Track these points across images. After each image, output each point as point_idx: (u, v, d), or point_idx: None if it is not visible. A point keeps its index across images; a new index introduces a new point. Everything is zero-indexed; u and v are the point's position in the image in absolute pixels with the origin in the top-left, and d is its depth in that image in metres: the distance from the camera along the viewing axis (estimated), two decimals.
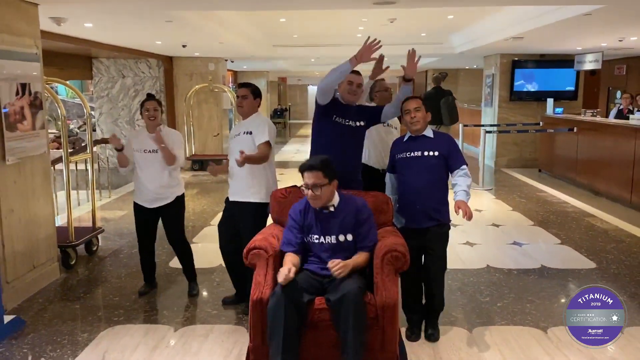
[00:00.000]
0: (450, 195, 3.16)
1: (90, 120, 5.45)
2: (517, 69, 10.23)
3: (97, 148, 9.08)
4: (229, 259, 3.73)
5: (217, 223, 3.88)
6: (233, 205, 3.62)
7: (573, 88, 10.47)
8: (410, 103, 3.21)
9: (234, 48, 9.24)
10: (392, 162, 3.34)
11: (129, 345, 3.23)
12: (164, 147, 3.75)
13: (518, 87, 10.32)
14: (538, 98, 10.31)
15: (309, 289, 2.73)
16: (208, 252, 4.87)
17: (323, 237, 2.89)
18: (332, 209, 2.91)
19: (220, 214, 3.84)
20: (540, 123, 9.81)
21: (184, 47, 8.57)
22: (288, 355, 2.56)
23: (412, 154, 3.20)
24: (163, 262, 4.72)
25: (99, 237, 5.24)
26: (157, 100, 3.89)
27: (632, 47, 9.21)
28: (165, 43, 8.35)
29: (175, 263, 4.70)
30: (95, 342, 3.28)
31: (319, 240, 2.90)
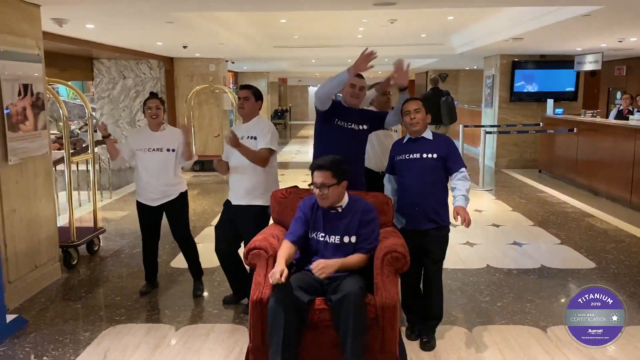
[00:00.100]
0: (450, 198, 3.18)
1: (92, 121, 5.47)
2: (517, 70, 10.24)
3: (98, 149, 9.09)
4: (226, 261, 3.73)
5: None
6: (235, 209, 3.61)
7: (573, 89, 10.48)
8: (410, 104, 3.22)
9: (235, 49, 9.25)
10: (391, 163, 3.35)
11: (131, 345, 3.25)
12: (187, 140, 3.80)
13: (518, 87, 10.32)
14: (538, 99, 10.32)
15: (309, 290, 2.73)
16: (209, 252, 4.83)
17: (328, 236, 2.90)
18: (339, 210, 2.92)
19: None
20: (540, 124, 9.81)
21: (185, 48, 8.59)
22: (288, 355, 2.56)
23: (411, 156, 3.21)
24: (164, 262, 4.74)
25: (100, 237, 5.26)
26: (159, 99, 3.90)
27: (631, 47, 9.22)
28: (166, 44, 8.37)
29: (177, 263, 4.73)
30: (97, 341, 3.30)
31: (324, 239, 2.91)
